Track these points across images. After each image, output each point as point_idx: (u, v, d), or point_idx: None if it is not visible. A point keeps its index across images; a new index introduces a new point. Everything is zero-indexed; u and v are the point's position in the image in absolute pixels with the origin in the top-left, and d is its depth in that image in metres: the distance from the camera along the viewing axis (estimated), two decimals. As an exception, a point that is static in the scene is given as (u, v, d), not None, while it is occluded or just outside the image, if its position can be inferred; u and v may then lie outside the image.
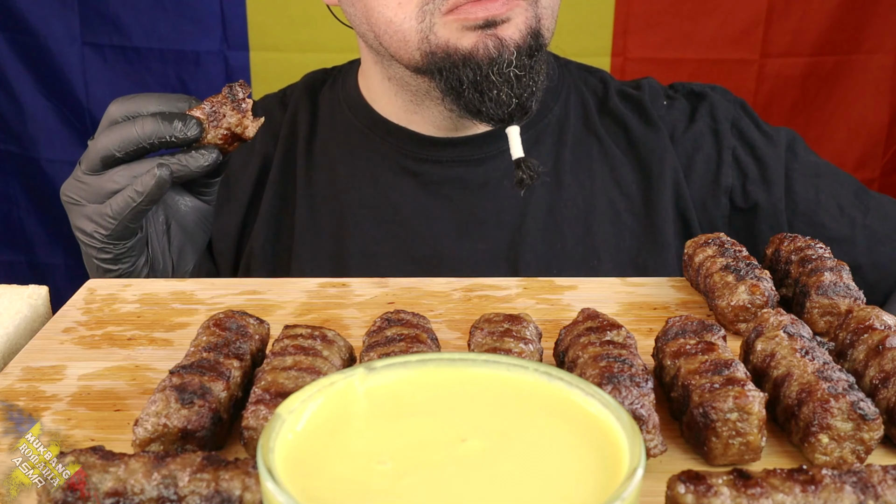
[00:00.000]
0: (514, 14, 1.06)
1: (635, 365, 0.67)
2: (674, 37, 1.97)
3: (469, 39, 1.07)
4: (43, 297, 0.91)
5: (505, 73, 1.07)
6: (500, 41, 1.06)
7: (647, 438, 0.63)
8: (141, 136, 0.93)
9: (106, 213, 0.96)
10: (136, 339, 0.85)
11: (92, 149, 0.96)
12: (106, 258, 1.00)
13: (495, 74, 1.06)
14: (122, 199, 0.95)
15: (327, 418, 0.50)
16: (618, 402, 0.49)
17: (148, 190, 0.93)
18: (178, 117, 0.93)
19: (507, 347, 0.71)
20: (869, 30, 1.95)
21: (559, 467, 0.46)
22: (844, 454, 0.64)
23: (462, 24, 1.06)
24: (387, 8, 1.09)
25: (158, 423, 0.63)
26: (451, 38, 1.07)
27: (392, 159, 1.25)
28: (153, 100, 0.96)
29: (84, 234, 0.99)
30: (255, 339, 0.75)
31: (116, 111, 0.96)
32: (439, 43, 1.07)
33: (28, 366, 0.80)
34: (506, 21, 1.06)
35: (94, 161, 0.95)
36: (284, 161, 1.29)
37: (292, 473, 0.45)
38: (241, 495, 0.55)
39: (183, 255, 1.06)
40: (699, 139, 1.27)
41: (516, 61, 1.07)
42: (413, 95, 1.20)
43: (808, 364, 0.68)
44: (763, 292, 0.84)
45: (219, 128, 0.94)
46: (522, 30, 1.07)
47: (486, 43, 1.06)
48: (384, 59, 1.18)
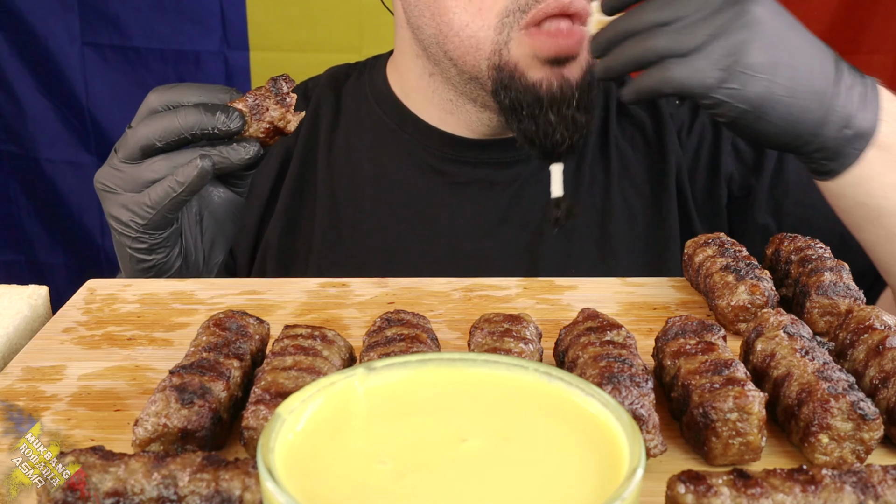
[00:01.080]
0: (581, 49, 1.07)
1: (635, 365, 0.67)
2: (674, 37, 1.97)
3: (537, 73, 1.07)
4: (43, 297, 0.91)
5: (564, 115, 1.07)
6: (564, 80, 1.07)
7: (647, 438, 0.63)
8: (183, 126, 0.91)
9: (144, 203, 0.94)
10: (136, 339, 0.85)
11: (131, 137, 0.94)
12: (141, 248, 0.98)
13: (554, 114, 1.07)
14: (161, 188, 0.93)
15: (327, 418, 0.50)
16: (618, 402, 0.49)
17: (189, 181, 0.92)
18: (221, 109, 0.91)
19: (507, 347, 0.71)
20: (869, 30, 1.95)
21: (559, 467, 0.46)
22: (844, 454, 0.64)
23: (535, 53, 1.06)
24: (464, 12, 1.09)
25: (158, 423, 0.63)
26: (521, 61, 1.07)
27: (419, 157, 1.25)
28: (194, 90, 0.94)
29: (119, 223, 0.97)
30: (255, 339, 0.75)
31: (156, 100, 0.94)
32: (510, 61, 1.08)
33: (28, 366, 0.80)
34: (574, 59, 1.07)
35: (133, 149, 0.93)
36: (305, 154, 1.29)
37: (292, 473, 0.45)
38: (241, 495, 0.55)
39: (215, 246, 1.05)
40: (703, 132, 1.28)
41: (577, 102, 1.07)
42: (456, 97, 1.20)
43: (808, 364, 0.68)
44: (763, 292, 0.84)
45: (262, 121, 0.93)
46: (584, 67, 1.08)
47: (551, 81, 1.07)
48: (435, 57, 1.17)
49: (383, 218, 1.24)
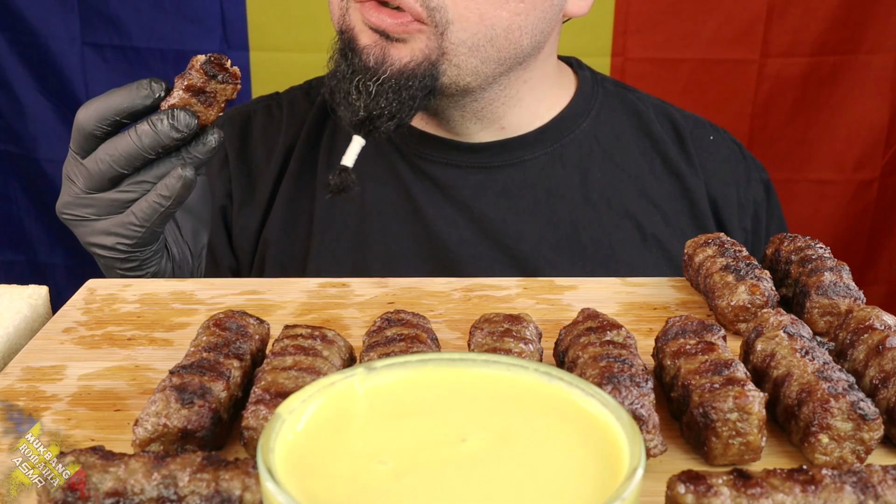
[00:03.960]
0: (410, 38, 1.07)
1: (635, 365, 0.67)
2: (674, 37, 1.97)
3: (366, 38, 1.09)
4: (43, 296, 0.91)
5: (365, 85, 1.08)
6: (383, 57, 1.08)
7: (646, 438, 0.63)
8: (144, 147, 0.89)
9: (130, 223, 0.93)
10: (136, 339, 0.85)
11: (92, 168, 0.92)
12: (131, 266, 0.98)
13: (356, 82, 1.08)
14: (147, 205, 0.92)
15: (327, 418, 0.50)
16: (618, 402, 0.49)
17: (175, 193, 0.91)
18: (168, 115, 0.89)
19: (507, 347, 0.71)
20: (869, 30, 1.95)
21: (559, 467, 0.46)
22: (844, 454, 0.64)
23: (362, 18, 1.08)
24: None
25: (158, 423, 0.63)
26: (356, 27, 1.09)
27: (409, 160, 1.25)
28: (119, 98, 0.90)
29: (104, 249, 0.96)
30: (255, 339, 0.75)
31: (89, 121, 0.91)
32: (349, 25, 1.10)
33: (28, 366, 0.80)
34: (401, 41, 1.07)
35: (101, 181, 0.92)
36: (306, 152, 1.29)
37: (292, 473, 0.45)
38: (241, 495, 0.55)
39: (196, 235, 1.05)
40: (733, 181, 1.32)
41: (384, 80, 1.07)
42: None
43: (808, 364, 0.68)
44: (763, 292, 0.84)
45: (214, 106, 0.91)
46: (418, 57, 1.08)
47: (373, 51, 1.08)
48: None
49: (384, 220, 1.24)
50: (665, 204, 1.26)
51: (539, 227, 1.22)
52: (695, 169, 1.29)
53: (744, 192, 1.32)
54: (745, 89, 2.00)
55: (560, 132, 1.25)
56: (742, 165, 1.34)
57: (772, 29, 1.95)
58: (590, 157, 1.26)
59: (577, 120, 1.27)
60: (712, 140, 1.33)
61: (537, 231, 1.22)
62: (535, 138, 1.24)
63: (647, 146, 1.29)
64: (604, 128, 1.28)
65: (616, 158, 1.27)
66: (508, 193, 1.23)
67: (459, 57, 1.10)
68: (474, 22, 1.08)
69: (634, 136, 1.29)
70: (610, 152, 1.27)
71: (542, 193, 1.23)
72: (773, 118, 2.03)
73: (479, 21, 1.08)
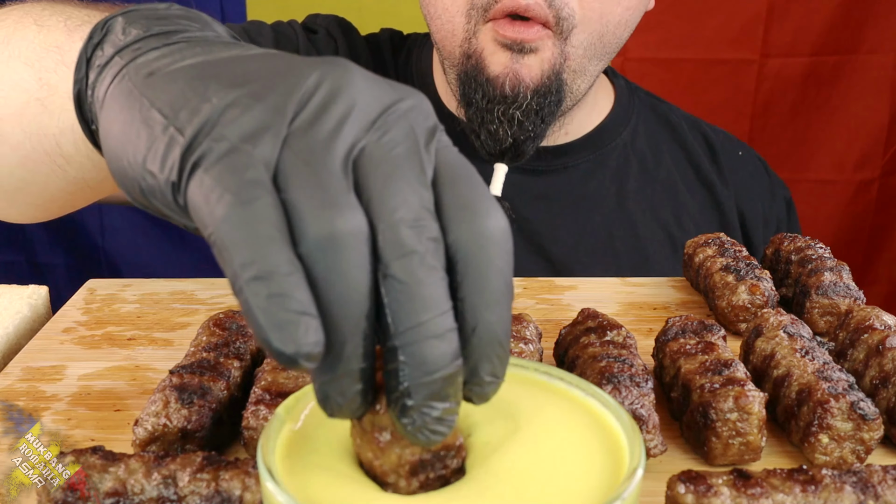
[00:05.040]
0: (541, 45, 1.06)
1: (635, 365, 0.67)
2: (674, 37, 1.97)
3: (499, 63, 1.07)
4: (43, 297, 0.91)
5: (509, 115, 1.07)
6: (518, 82, 1.06)
7: (647, 438, 0.63)
8: None
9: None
10: (136, 339, 0.85)
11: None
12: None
13: (498, 113, 1.07)
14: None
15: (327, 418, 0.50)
16: (618, 402, 0.49)
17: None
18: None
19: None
20: (869, 30, 1.95)
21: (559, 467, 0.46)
22: (844, 454, 0.64)
23: (495, 37, 1.06)
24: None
25: (158, 423, 0.63)
26: (486, 49, 1.07)
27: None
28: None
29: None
30: (255, 339, 0.75)
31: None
32: (477, 49, 1.08)
33: (28, 366, 0.80)
34: (532, 52, 1.06)
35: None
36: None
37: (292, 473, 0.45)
38: (241, 495, 0.55)
39: None
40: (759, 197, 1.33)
41: (526, 105, 1.07)
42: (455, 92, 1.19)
43: (808, 364, 0.68)
44: (763, 292, 0.84)
45: None
46: (546, 69, 1.07)
47: (507, 78, 1.06)
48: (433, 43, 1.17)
49: None
50: (697, 214, 1.27)
51: (575, 233, 1.22)
52: (725, 182, 1.30)
53: (768, 207, 1.34)
54: (745, 89, 2.00)
55: (602, 140, 1.26)
56: (767, 181, 1.36)
57: (772, 29, 1.95)
58: (627, 166, 1.26)
59: (617, 129, 1.27)
60: (741, 156, 1.35)
61: (573, 236, 1.22)
62: (580, 146, 1.25)
63: (680, 157, 1.30)
64: (640, 137, 1.29)
65: (651, 168, 1.27)
66: (548, 197, 1.23)
67: (577, 60, 1.09)
68: (594, 21, 1.08)
69: (668, 147, 1.30)
70: (645, 162, 1.28)
71: (580, 199, 1.23)
72: (773, 118, 2.03)
73: (598, 20, 1.08)
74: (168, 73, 0.46)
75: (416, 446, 0.42)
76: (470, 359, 0.41)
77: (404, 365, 0.39)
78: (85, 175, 0.69)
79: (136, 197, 0.47)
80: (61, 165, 0.68)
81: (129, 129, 0.46)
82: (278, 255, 0.38)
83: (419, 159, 0.42)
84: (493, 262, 0.41)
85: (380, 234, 0.40)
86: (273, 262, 0.38)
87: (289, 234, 0.39)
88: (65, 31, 0.67)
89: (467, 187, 0.43)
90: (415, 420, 0.40)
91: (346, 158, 0.41)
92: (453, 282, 0.41)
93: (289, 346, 0.37)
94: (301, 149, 0.41)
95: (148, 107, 0.45)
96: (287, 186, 0.40)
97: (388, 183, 0.41)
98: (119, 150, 0.47)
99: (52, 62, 0.66)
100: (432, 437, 0.41)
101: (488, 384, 0.42)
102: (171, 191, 0.43)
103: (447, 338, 0.39)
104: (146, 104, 0.45)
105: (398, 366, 0.39)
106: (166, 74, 0.46)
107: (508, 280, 0.42)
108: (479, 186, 0.43)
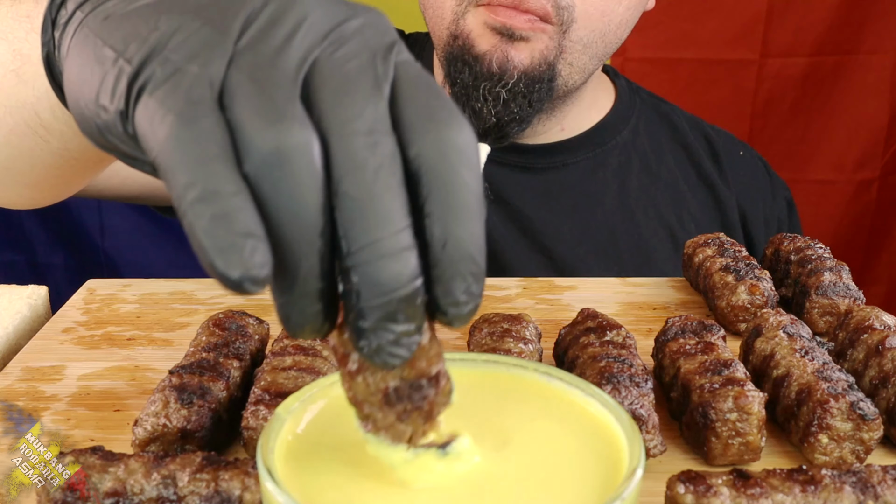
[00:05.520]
0: (534, 37, 1.06)
1: (635, 365, 0.67)
2: (674, 37, 1.97)
3: (486, 43, 1.06)
4: (42, 297, 0.91)
5: (494, 92, 1.06)
6: (506, 60, 1.06)
7: (646, 438, 0.63)
8: None
9: None
10: (135, 340, 0.85)
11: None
12: None
13: (483, 90, 1.07)
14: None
15: (327, 418, 0.50)
16: (617, 403, 0.49)
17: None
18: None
19: (507, 347, 0.71)
20: (869, 30, 1.95)
21: (559, 467, 0.46)
22: (844, 454, 0.64)
23: (485, 20, 1.06)
24: None
25: (158, 423, 0.63)
26: (474, 31, 1.07)
27: None
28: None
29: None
30: (254, 339, 0.75)
31: None
32: (464, 30, 1.08)
33: (27, 366, 0.79)
34: (523, 39, 1.06)
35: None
36: None
37: (292, 474, 0.45)
38: (241, 495, 0.55)
39: None
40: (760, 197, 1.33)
41: (512, 84, 1.06)
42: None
43: (807, 364, 0.68)
44: (762, 292, 0.84)
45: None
46: (536, 57, 1.07)
47: (494, 55, 1.06)
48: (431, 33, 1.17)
49: None
50: (698, 214, 1.27)
51: (577, 231, 1.22)
52: (727, 182, 1.30)
53: (769, 208, 1.34)
54: (745, 89, 2.00)
55: (602, 138, 1.26)
56: (768, 182, 1.36)
57: (772, 29, 1.95)
58: (628, 165, 1.26)
59: (617, 127, 1.27)
60: (742, 156, 1.35)
61: (576, 234, 1.22)
62: (579, 143, 1.25)
63: (682, 157, 1.30)
64: (641, 136, 1.29)
65: (652, 167, 1.28)
66: (549, 195, 1.23)
67: (574, 55, 1.09)
68: (596, 19, 1.08)
69: (670, 147, 1.30)
70: (647, 161, 1.28)
71: (582, 197, 1.23)
72: (772, 118, 2.02)
73: (599, 17, 1.08)
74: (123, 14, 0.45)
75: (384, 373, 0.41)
76: (442, 278, 0.39)
77: (357, 286, 0.37)
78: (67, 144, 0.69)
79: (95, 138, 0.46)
80: (43, 137, 0.68)
81: (83, 70, 0.45)
82: (222, 174, 0.36)
83: (374, 73, 0.40)
84: (459, 173, 0.39)
85: (331, 149, 0.38)
86: (216, 183, 0.36)
87: (234, 154, 0.37)
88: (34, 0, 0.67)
89: (428, 98, 0.40)
90: (370, 342, 0.38)
91: (294, 73, 0.39)
92: (418, 198, 0.39)
93: (234, 269, 0.35)
94: (247, 65, 0.39)
95: (101, 45, 0.44)
96: (232, 104, 0.38)
97: (339, 96, 0.39)
98: (77, 94, 0.46)
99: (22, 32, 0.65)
100: (390, 360, 0.39)
101: (464, 304, 0.39)
102: (121, 120, 0.42)
103: (403, 257, 0.37)
104: (99, 43, 0.44)
105: (352, 286, 0.38)
106: (121, 15, 0.45)
107: (478, 193, 0.39)
108: (442, 97, 0.41)
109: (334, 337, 0.41)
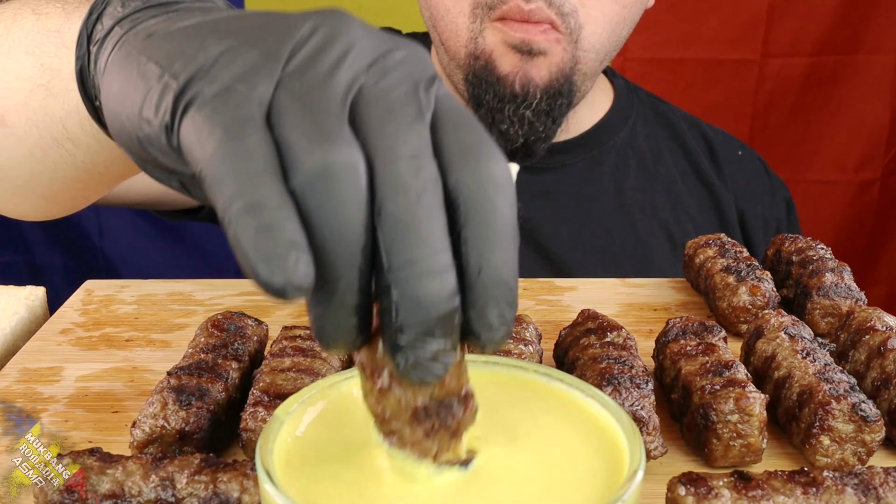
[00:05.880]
0: (550, 49, 1.06)
1: (635, 366, 0.67)
2: (674, 37, 1.97)
3: (508, 64, 1.07)
4: (40, 298, 0.91)
5: (519, 114, 1.07)
6: (528, 81, 1.07)
7: (647, 440, 0.63)
8: None
9: None
10: (133, 341, 0.85)
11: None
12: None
13: (510, 111, 1.07)
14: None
15: (326, 420, 0.49)
16: (618, 404, 0.49)
17: None
18: None
19: (507, 349, 0.71)
20: (870, 30, 1.95)
21: (559, 469, 0.46)
22: (846, 456, 0.63)
23: (504, 38, 1.06)
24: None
25: (156, 424, 0.63)
26: (495, 50, 1.08)
27: None
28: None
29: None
30: (253, 340, 0.74)
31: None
32: (485, 49, 1.08)
33: (25, 367, 0.79)
34: (541, 54, 1.06)
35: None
36: None
37: (291, 475, 0.45)
38: (240, 497, 0.55)
39: None
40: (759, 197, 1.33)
41: (536, 104, 1.07)
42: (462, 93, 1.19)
43: (809, 365, 0.67)
44: (764, 293, 0.83)
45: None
46: (553, 71, 1.07)
47: (517, 77, 1.07)
48: (437, 44, 1.17)
49: None
50: (696, 214, 1.27)
51: (575, 231, 1.22)
52: (725, 182, 1.30)
53: (768, 208, 1.34)
54: (746, 89, 2.00)
55: (600, 139, 1.26)
56: (767, 182, 1.36)
57: (772, 29, 1.95)
58: (626, 165, 1.26)
59: (615, 127, 1.27)
60: (740, 155, 1.35)
61: (573, 234, 1.22)
62: (578, 143, 1.25)
63: (680, 157, 1.30)
64: (639, 137, 1.29)
65: (650, 167, 1.28)
66: (547, 195, 1.23)
67: (588, 64, 1.10)
68: (599, 21, 1.08)
69: (668, 147, 1.30)
70: (644, 161, 1.28)
71: (579, 198, 1.23)
72: (773, 118, 2.02)
73: (601, 18, 1.08)
74: (166, 33, 0.46)
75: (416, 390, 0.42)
76: (477, 303, 0.40)
77: (397, 302, 0.38)
78: (93, 158, 0.69)
79: (135, 151, 0.47)
80: (69, 150, 0.69)
81: (126, 84, 0.45)
82: (268, 187, 0.37)
83: (418, 102, 0.41)
84: (496, 204, 0.40)
85: (376, 171, 0.39)
86: (262, 195, 0.37)
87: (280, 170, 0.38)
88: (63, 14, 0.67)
89: (468, 132, 0.42)
90: (407, 357, 0.39)
91: (342, 98, 0.40)
92: (455, 225, 0.39)
93: (277, 277, 0.36)
94: (296, 88, 0.40)
95: (145, 62, 0.44)
96: (280, 123, 0.39)
97: (385, 122, 0.40)
98: (118, 107, 0.46)
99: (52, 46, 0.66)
100: (425, 376, 0.40)
101: (497, 329, 0.40)
102: (165, 133, 0.42)
103: (442, 276, 0.38)
104: (143, 60, 0.45)
105: (391, 303, 0.38)
106: (164, 34, 0.46)
107: (513, 223, 0.40)
108: (480, 131, 0.42)
109: (363, 353, 0.42)
